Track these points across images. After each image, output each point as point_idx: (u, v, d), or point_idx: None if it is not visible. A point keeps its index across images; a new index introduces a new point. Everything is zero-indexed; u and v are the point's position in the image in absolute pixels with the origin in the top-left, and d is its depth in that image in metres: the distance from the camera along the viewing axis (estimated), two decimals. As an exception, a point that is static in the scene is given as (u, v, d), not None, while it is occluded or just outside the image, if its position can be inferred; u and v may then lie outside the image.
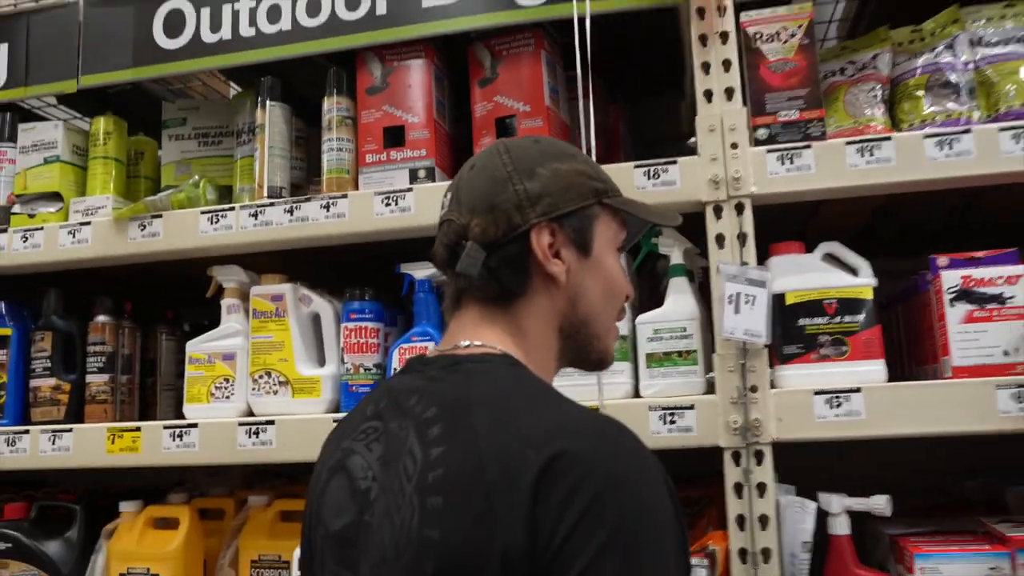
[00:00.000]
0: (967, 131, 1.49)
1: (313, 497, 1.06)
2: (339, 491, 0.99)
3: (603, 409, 1.44)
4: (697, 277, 1.71)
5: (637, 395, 1.58)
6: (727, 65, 1.58)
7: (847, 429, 1.42)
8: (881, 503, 1.43)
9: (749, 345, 1.46)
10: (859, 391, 1.43)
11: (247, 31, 1.84)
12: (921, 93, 1.61)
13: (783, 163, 1.52)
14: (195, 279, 1.90)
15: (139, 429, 1.77)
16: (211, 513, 1.96)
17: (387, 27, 1.77)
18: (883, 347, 1.51)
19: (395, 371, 1.70)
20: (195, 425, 1.74)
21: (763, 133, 1.56)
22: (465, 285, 1.06)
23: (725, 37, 1.59)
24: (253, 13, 1.84)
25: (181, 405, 1.86)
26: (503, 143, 1.10)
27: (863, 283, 1.53)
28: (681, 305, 1.59)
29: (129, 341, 2.01)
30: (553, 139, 1.14)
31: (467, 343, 1.03)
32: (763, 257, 1.56)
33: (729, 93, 1.57)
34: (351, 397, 1.75)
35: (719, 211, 1.53)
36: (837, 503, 1.45)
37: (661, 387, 1.55)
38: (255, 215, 1.77)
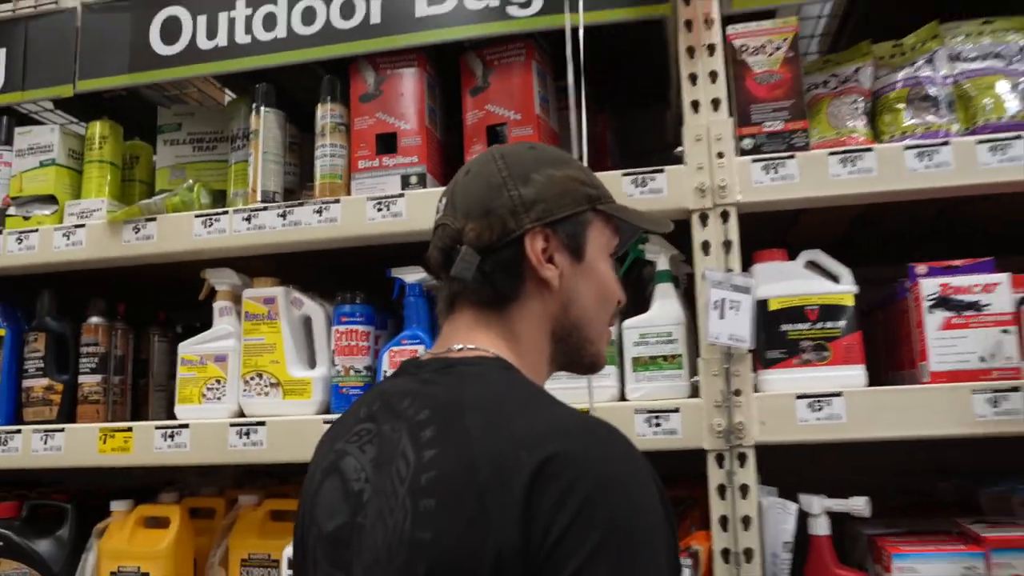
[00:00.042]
0: (946, 143, 1.49)
1: (306, 498, 1.04)
2: (332, 492, 0.98)
3: (592, 412, 1.42)
4: (682, 283, 1.70)
5: (623, 398, 1.57)
6: (714, 76, 1.58)
7: (828, 432, 1.42)
8: (860, 504, 1.43)
9: (733, 350, 1.46)
10: (840, 395, 1.43)
11: (243, 38, 1.83)
12: (902, 106, 1.62)
13: (768, 172, 1.52)
14: (188, 282, 1.88)
15: (131, 429, 1.75)
16: (201, 512, 1.94)
17: (381, 36, 1.76)
18: (863, 352, 1.51)
19: (386, 374, 1.69)
20: (187, 426, 1.72)
21: (748, 143, 1.56)
22: (459, 289, 1.04)
23: (712, 49, 1.59)
24: (249, 21, 1.83)
25: (173, 406, 1.84)
26: (498, 149, 1.09)
27: (844, 290, 1.53)
28: (667, 310, 1.58)
29: (122, 342, 1.99)
30: (548, 146, 1.13)
31: (460, 347, 1.01)
32: (747, 264, 1.56)
33: (716, 104, 1.57)
34: (341, 399, 1.73)
35: (705, 219, 1.53)
36: (817, 504, 1.45)
37: (647, 390, 1.54)
38: (248, 219, 1.75)
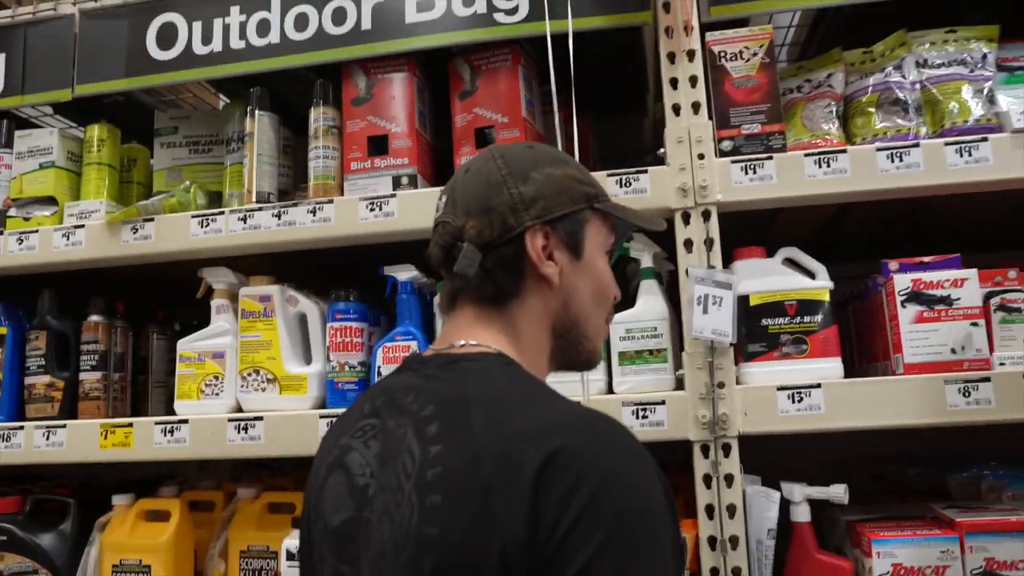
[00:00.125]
0: (916, 145, 1.49)
1: (312, 492, 1.01)
2: (338, 487, 0.95)
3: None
4: (665, 280, 1.68)
5: (610, 391, 1.55)
6: (694, 81, 1.57)
7: (808, 422, 1.41)
8: (839, 492, 1.42)
9: (716, 344, 1.44)
10: (819, 387, 1.42)
11: (237, 44, 1.78)
12: (872, 110, 1.60)
13: (747, 173, 1.51)
14: (185, 280, 1.84)
15: (131, 425, 1.71)
16: (201, 505, 1.90)
17: (372, 41, 1.72)
18: (840, 345, 1.50)
19: (380, 369, 1.66)
20: (186, 421, 1.68)
21: (728, 145, 1.54)
22: (461, 286, 1.01)
23: (692, 55, 1.57)
24: (243, 27, 1.79)
25: (172, 402, 1.79)
26: (497, 148, 1.06)
27: (821, 286, 1.52)
28: (652, 306, 1.56)
29: (121, 340, 1.94)
30: (545, 145, 1.11)
31: (463, 342, 0.99)
32: (727, 261, 1.55)
33: (696, 107, 1.56)
34: (336, 394, 1.70)
35: (687, 218, 1.51)
36: (799, 492, 1.44)
37: (633, 384, 1.52)
38: (244, 219, 1.71)
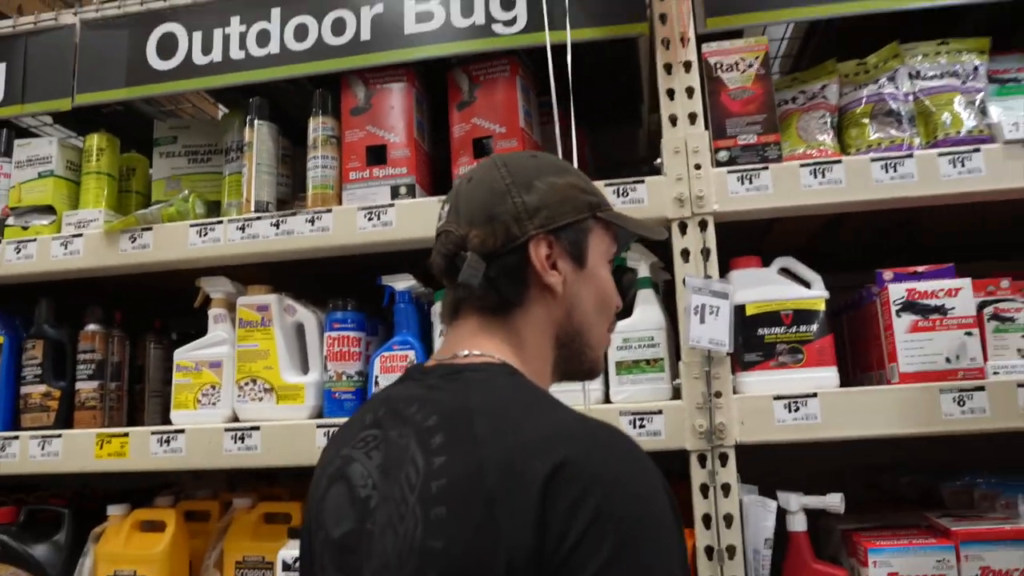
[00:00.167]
0: (910, 155, 1.48)
1: (313, 503, 0.99)
2: (339, 498, 0.92)
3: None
4: (661, 289, 1.66)
5: (607, 401, 1.53)
6: (690, 92, 1.56)
7: (804, 432, 1.39)
8: (836, 501, 1.40)
9: (713, 353, 1.42)
10: (815, 396, 1.40)
11: (237, 54, 1.77)
12: (867, 121, 1.60)
13: (743, 183, 1.49)
14: (183, 290, 1.82)
15: (127, 435, 1.68)
16: (197, 515, 1.86)
17: (371, 52, 1.71)
18: (835, 355, 1.48)
19: (377, 379, 1.63)
20: (182, 431, 1.65)
21: (724, 155, 1.53)
22: (464, 295, 0.99)
23: (688, 66, 1.57)
24: (243, 37, 1.77)
25: (168, 411, 1.77)
26: (500, 157, 1.04)
27: (816, 295, 1.51)
28: (649, 315, 1.54)
29: (118, 349, 1.91)
30: (548, 154, 1.09)
31: (466, 352, 0.96)
32: (724, 271, 1.53)
33: (692, 118, 1.55)
34: (334, 404, 1.68)
35: (684, 227, 1.49)
36: (795, 502, 1.41)
37: (630, 393, 1.50)
38: (242, 228, 1.69)
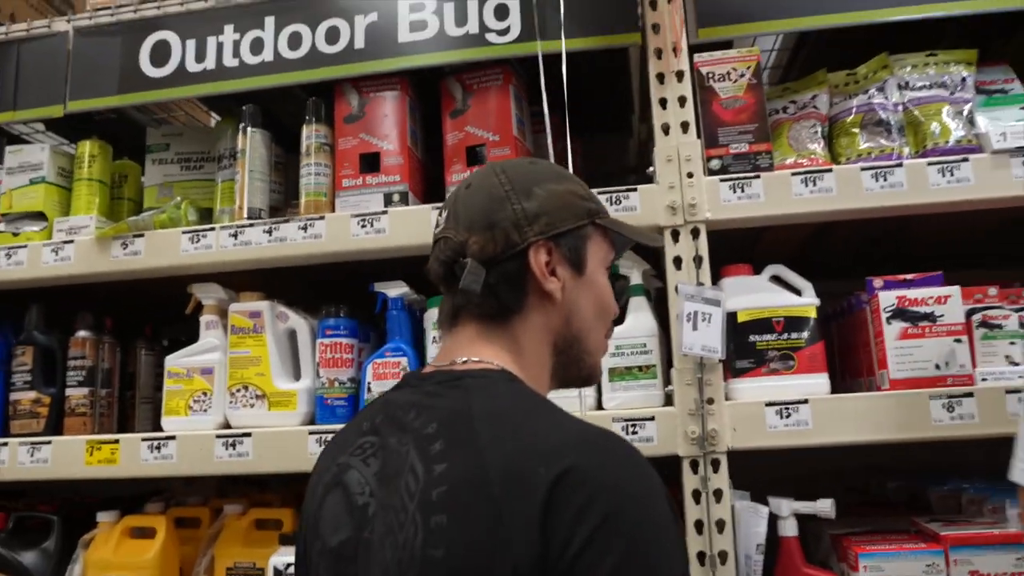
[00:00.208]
0: (899, 165, 1.48)
1: (308, 511, 0.97)
2: (336, 506, 0.91)
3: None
4: (652, 296, 1.65)
5: (599, 407, 1.52)
6: (683, 101, 1.56)
7: (796, 438, 1.38)
8: (827, 507, 1.39)
9: (706, 360, 1.42)
10: (806, 402, 1.39)
11: (231, 62, 1.76)
12: (857, 130, 1.60)
13: (735, 191, 1.49)
14: (174, 296, 1.80)
15: (117, 441, 1.65)
16: (187, 522, 1.84)
17: (364, 60, 1.70)
18: (826, 361, 1.48)
19: (370, 385, 1.62)
20: (173, 437, 1.63)
21: (716, 164, 1.53)
22: (463, 302, 0.98)
23: (681, 76, 1.57)
24: (237, 45, 1.76)
25: (159, 418, 1.74)
26: (499, 164, 1.03)
27: (807, 303, 1.51)
28: (641, 322, 1.53)
29: (109, 356, 1.89)
30: (546, 161, 1.08)
31: (465, 359, 0.95)
32: (715, 279, 1.53)
33: (685, 127, 1.55)
34: (326, 410, 1.66)
35: (676, 235, 1.49)
36: (786, 507, 1.41)
37: (623, 399, 1.49)
38: (235, 235, 1.68)
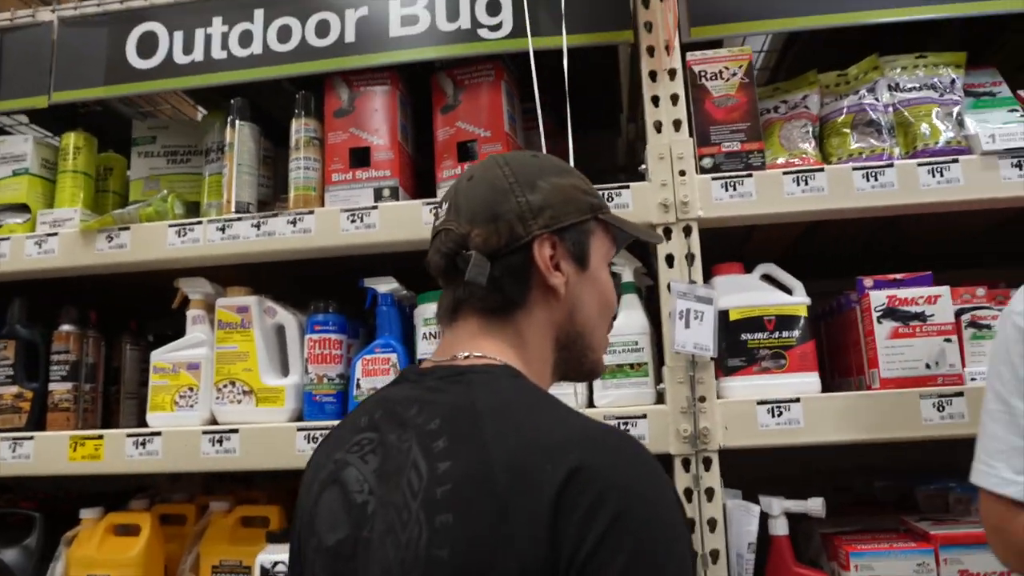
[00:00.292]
0: (890, 165, 1.47)
1: (303, 509, 0.94)
2: (333, 504, 0.87)
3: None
4: (644, 294, 1.63)
5: (591, 405, 1.50)
6: (675, 99, 1.54)
7: (788, 436, 1.37)
8: (817, 506, 1.39)
9: (698, 358, 1.40)
10: (798, 401, 1.38)
11: (219, 54, 1.71)
12: (848, 130, 1.59)
13: (727, 190, 1.47)
14: (160, 290, 1.76)
15: (102, 437, 1.61)
16: (172, 519, 1.80)
17: (355, 54, 1.67)
18: (817, 360, 1.46)
19: (359, 382, 1.59)
20: (159, 433, 1.59)
21: (708, 162, 1.51)
22: (465, 296, 0.94)
23: (673, 74, 1.55)
24: (225, 37, 1.72)
25: (144, 413, 1.70)
26: (501, 156, 1.00)
27: (798, 301, 1.49)
28: (633, 320, 1.51)
29: (93, 350, 1.84)
30: (548, 155, 1.05)
31: (466, 354, 0.92)
32: (707, 277, 1.51)
33: (677, 125, 1.53)
34: (314, 406, 1.62)
35: (669, 233, 1.47)
36: (777, 506, 1.40)
37: (614, 397, 1.47)
38: (222, 229, 1.64)
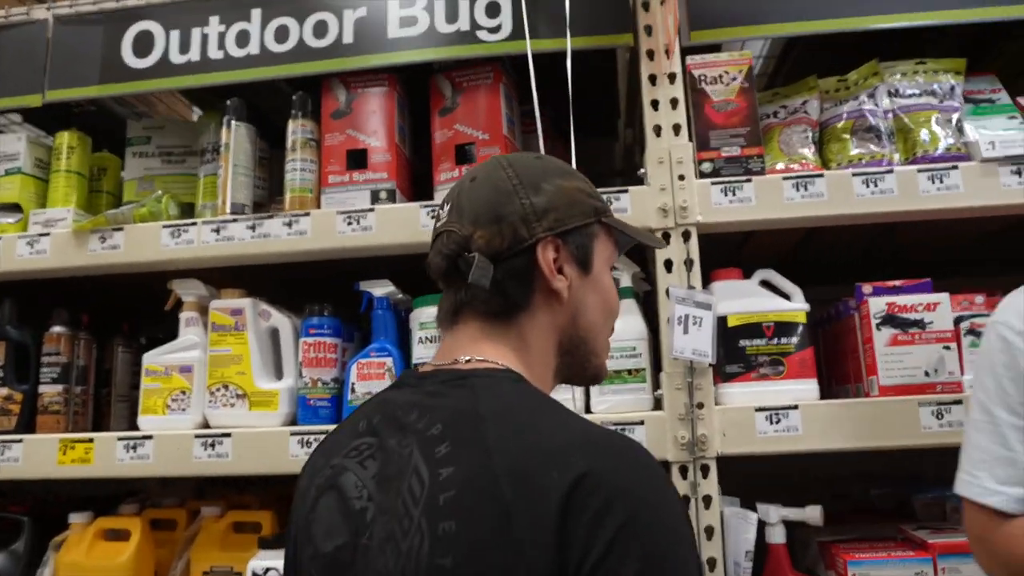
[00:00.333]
0: (890, 171, 1.46)
1: (299, 515, 0.91)
2: (330, 510, 0.84)
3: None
4: (641, 299, 1.62)
5: (588, 411, 1.48)
6: (675, 103, 1.52)
7: (786, 444, 1.35)
8: (815, 514, 1.37)
9: (696, 364, 1.38)
10: (796, 408, 1.37)
11: (215, 54, 1.69)
12: (847, 136, 1.58)
13: (726, 195, 1.46)
14: (153, 292, 1.73)
15: (92, 440, 1.58)
16: (163, 524, 1.77)
17: (353, 55, 1.65)
18: (815, 367, 1.45)
19: (354, 386, 1.56)
20: (150, 437, 1.57)
21: (708, 167, 1.50)
22: (467, 298, 0.92)
23: (673, 78, 1.54)
24: (222, 37, 1.70)
25: (135, 417, 1.67)
26: (504, 157, 0.98)
27: (797, 308, 1.48)
28: (631, 325, 1.49)
29: (85, 352, 1.81)
30: (552, 157, 1.03)
31: (468, 358, 0.89)
32: (705, 282, 1.49)
33: (676, 129, 1.51)
34: (308, 410, 1.60)
35: (667, 238, 1.46)
36: (775, 513, 1.38)
37: (612, 403, 1.45)
38: (217, 230, 1.62)
